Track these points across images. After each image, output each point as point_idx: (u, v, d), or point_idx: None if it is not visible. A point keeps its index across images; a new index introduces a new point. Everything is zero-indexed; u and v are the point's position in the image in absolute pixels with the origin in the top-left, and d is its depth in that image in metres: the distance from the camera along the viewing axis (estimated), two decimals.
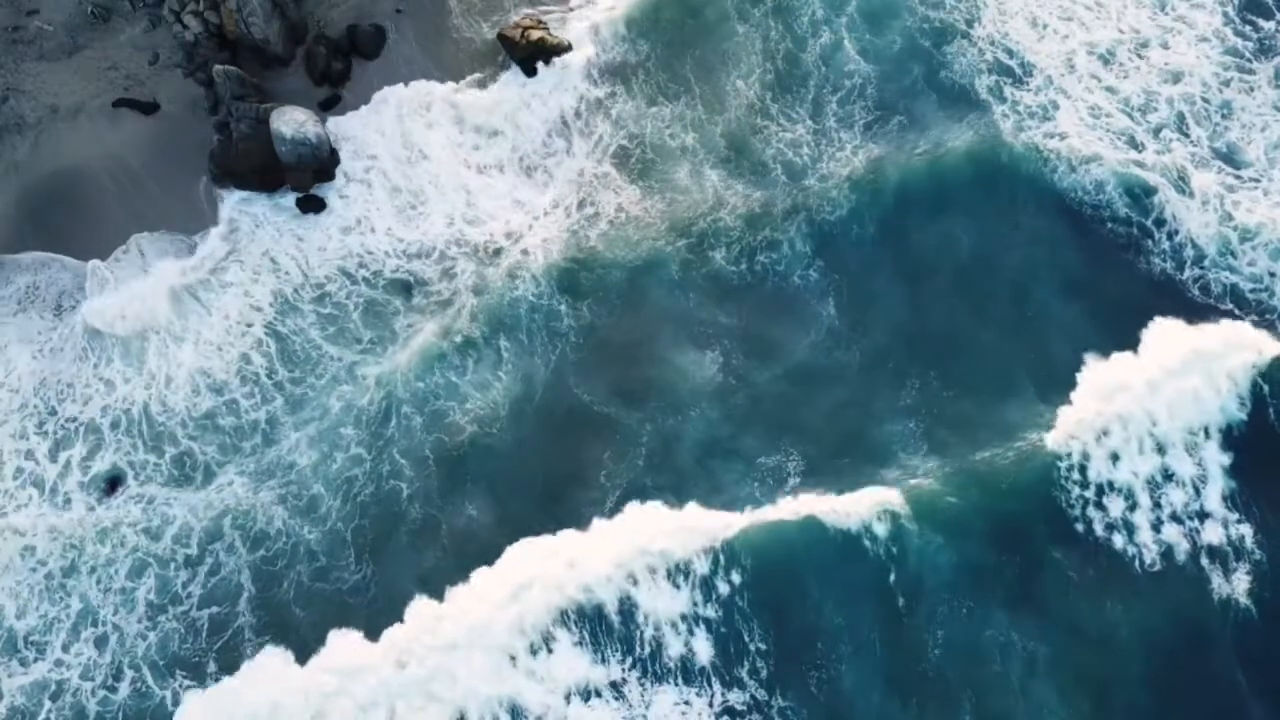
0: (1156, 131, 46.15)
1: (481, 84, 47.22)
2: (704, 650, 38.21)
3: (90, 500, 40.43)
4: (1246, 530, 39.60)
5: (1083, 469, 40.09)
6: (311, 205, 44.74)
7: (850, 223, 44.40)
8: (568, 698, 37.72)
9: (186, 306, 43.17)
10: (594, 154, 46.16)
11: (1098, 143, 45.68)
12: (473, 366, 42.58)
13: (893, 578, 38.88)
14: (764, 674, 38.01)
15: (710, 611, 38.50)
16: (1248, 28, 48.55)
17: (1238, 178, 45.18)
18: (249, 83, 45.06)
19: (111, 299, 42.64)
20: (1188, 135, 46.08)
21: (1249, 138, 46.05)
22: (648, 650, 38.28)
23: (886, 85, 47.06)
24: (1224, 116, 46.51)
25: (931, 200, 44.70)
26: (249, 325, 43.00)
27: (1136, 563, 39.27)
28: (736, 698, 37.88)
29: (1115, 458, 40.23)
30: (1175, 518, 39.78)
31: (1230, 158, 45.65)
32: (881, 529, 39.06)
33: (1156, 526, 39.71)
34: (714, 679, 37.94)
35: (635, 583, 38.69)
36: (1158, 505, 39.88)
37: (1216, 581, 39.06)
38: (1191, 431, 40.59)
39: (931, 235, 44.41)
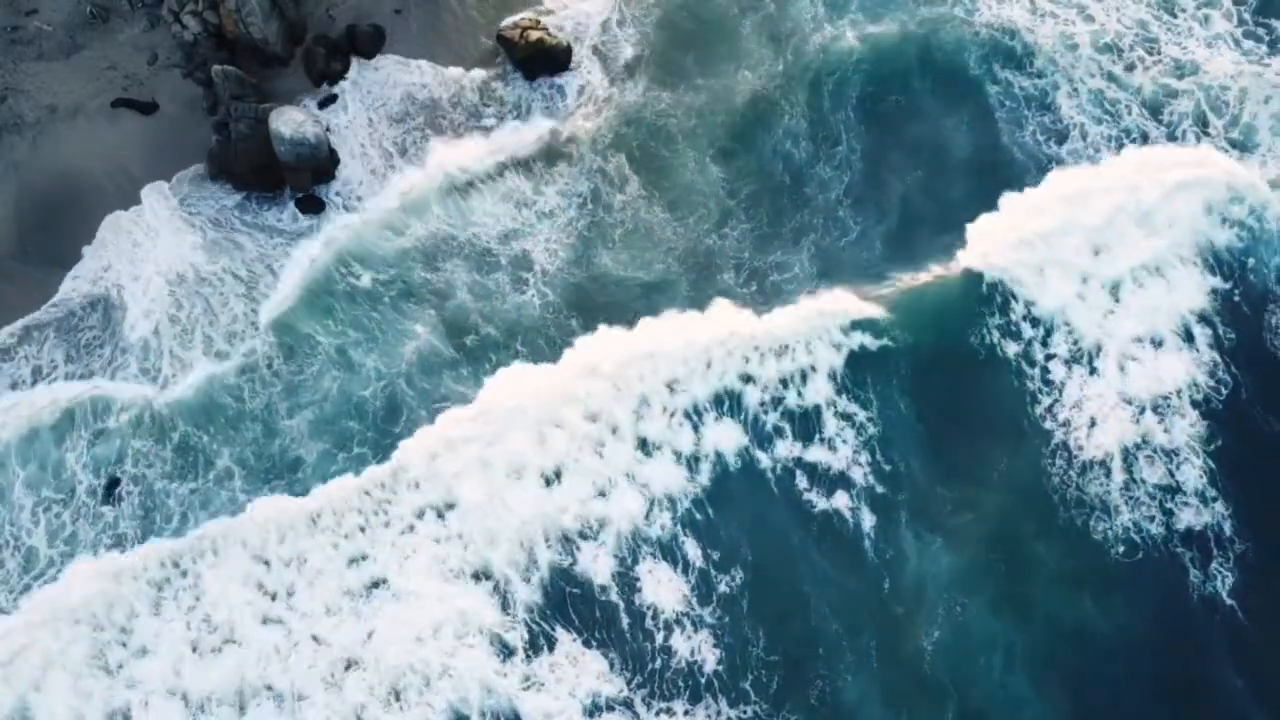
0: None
1: (480, 84, 47.03)
2: None
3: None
4: None
5: None
6: (311, 205, 44.64)
7: None
8: None
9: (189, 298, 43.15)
10: (594, 152, 45.95)
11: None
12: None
13: None
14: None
15: None
16: (1260, 29, 48.44)
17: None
18: (248, 82, 44.98)
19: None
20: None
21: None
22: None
23: None
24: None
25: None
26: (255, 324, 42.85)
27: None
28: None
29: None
30: None
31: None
32: None
33: None
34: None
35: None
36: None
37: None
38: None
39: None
